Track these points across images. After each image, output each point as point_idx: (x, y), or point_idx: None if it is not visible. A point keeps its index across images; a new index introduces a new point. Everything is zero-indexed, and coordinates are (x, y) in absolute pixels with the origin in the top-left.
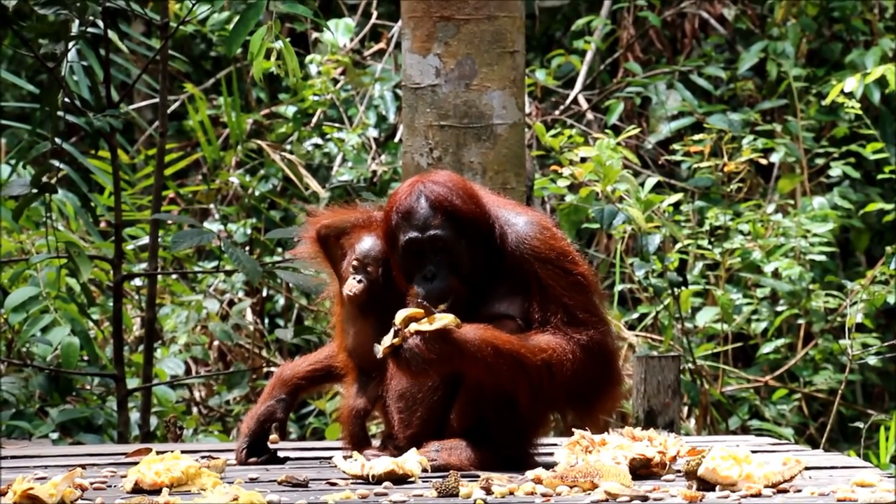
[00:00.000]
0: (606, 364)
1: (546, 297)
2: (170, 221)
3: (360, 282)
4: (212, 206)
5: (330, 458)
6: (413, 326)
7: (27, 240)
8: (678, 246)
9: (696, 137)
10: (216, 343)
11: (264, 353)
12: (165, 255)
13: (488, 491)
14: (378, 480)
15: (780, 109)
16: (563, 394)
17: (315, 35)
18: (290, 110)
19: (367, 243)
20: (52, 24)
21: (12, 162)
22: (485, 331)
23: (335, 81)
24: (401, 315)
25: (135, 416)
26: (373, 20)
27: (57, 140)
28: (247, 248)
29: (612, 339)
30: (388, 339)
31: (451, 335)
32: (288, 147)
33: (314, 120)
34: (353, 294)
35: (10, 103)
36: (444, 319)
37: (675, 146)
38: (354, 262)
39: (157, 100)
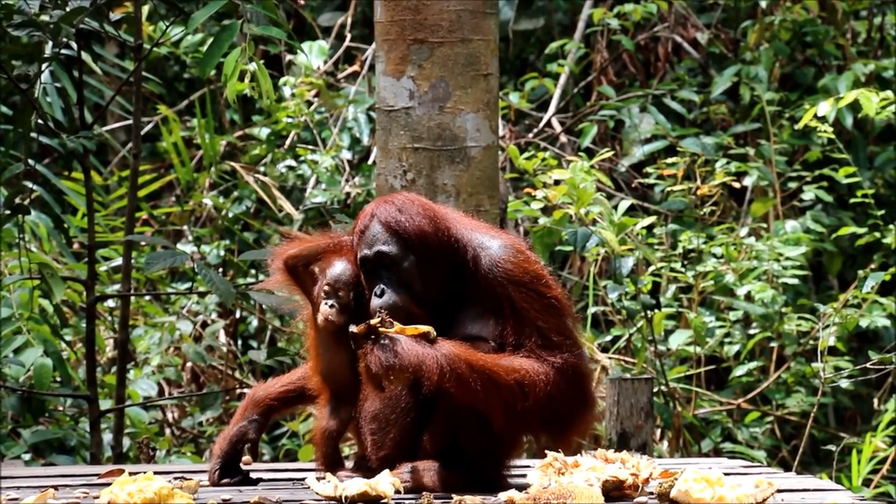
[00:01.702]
0: (580, 387)
1: (520, 321)
2: (143, 243)
3: (332, 306)
4: (185, 227)
5: (303, 479)
6: (397, 325)
7: (0, 261)
8: (651, 269)
9: (670, 161)
10: (189, 364)
11: (237, 374)
12: (139, 277)
13: None
14: (351, 502)
15: (753, 133)
16: (537, 415)
17: (289, 57)
18: (263, 132)
19: (338, 268)
20: (26, 45)
21: None
22: (459, 346)
23: (309, 104)
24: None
25: (107, 437)
26: (347, 43)
27: (30, 161)
28: (220, 270)
29: (585, 362)
30: (368, 323)
31: (429, 338)
32: (261, 169)
33: (288, 142)
34: (326, 319)
35: None
36: (423, 328)
37: (649, 169)
38: (326, 288)
39: (130, 121)
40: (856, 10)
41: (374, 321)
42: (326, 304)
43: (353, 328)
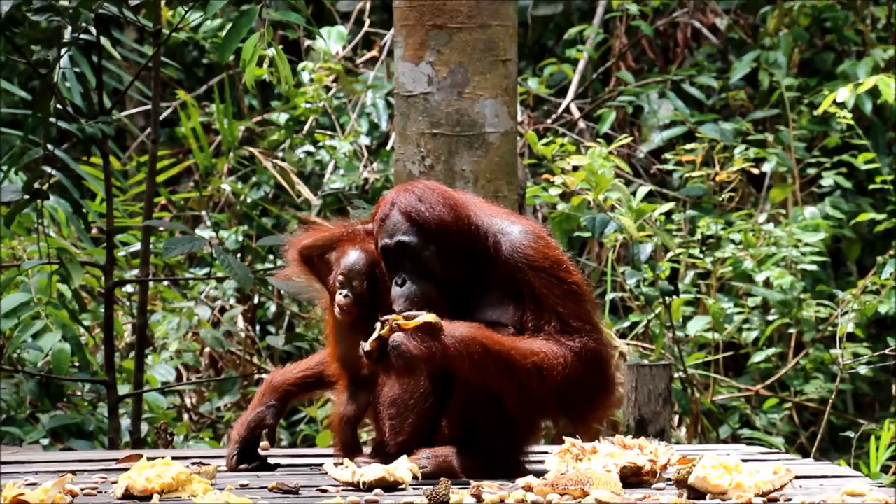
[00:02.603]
0: (599, 371)
1: (540, 306)
2: (161, 228)
3: (346, 296)
4: (203, 212)
5: (321, 464)
6: (402, 322)
7: (19, 246)
8: (670, 255)
9: (688, 147)
10: (207, 350)
11: (255, 359)
12: (157, 262)
13: (479, 498)
14: (369, 487)
15: (772, 119)
16: (554, 399)
17: (307, 43)
18: (282, 117)
19: (352, 258)
20: (45, 30)
21: (4, 168)
22: (475, 329)
23: (327, 89)
24: (386, 318)
25: (125, 422)
26: (365, 28)
27: (49, 146)
28: (238, 255)
29: (605, 347)
30: (374, 334)
31: (434, 328)
32: (280, 154)
33: (306, 127)
34: (341, 308)
35: (3, 109)
36: (425, 317)
37: (667, 155)
38: (340, 277)
39: (149, 106)
40: None
41: (382, 331)
42: (341, 293)
43: (364, 346)
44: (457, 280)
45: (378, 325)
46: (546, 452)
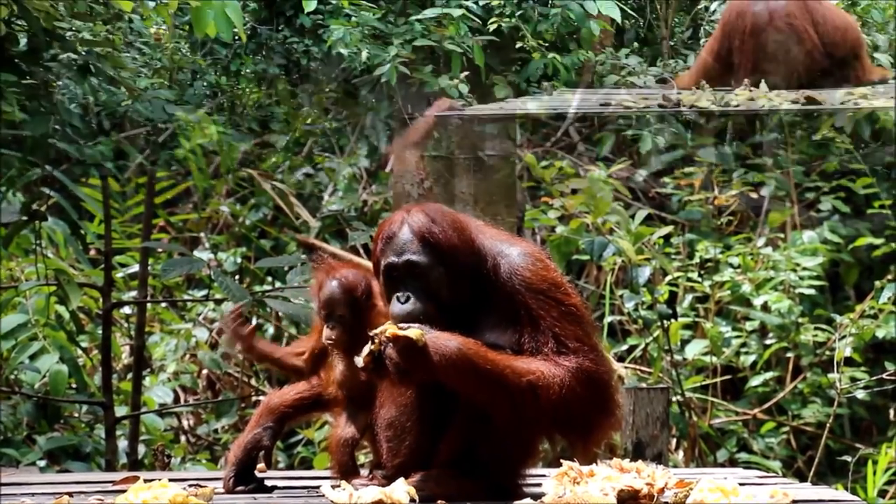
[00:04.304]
0: (597, 392)
1: (537, 328)
2: (160, 250)
3: (332, 328)
4: (202, 234)
5: (318, 487)
6: (389, 331)
7: (16, 267)
8: (668, 278)
9: (687, 170)
10: (205, 371)
11: (253, 381)
12: (155, 284)
13: None
14: None
15: (771, 143)
16: (550, 419)
17: None
18: (281, 140)
19: (328, 289)
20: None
21: (3, 189)
22: (468, 346)
23: (327, 111)
24: (377, 330)
25: (123, 443)
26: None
27: (47, 167)
28: (236, 277)
29: (604, 368)
30: (366, 350)
31: (418, 345)
32: (279, 176)
33: (305, 149)
34: (332, 341)
35: (2, 130)
36: (409, 331)
37: (666, 179)
38: (323, 312)
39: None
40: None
41: (372, 347)
42: (327, 327)
43: (358, 361)
44: (458, 301)
45: (369, 340)
46: (544, 475)
